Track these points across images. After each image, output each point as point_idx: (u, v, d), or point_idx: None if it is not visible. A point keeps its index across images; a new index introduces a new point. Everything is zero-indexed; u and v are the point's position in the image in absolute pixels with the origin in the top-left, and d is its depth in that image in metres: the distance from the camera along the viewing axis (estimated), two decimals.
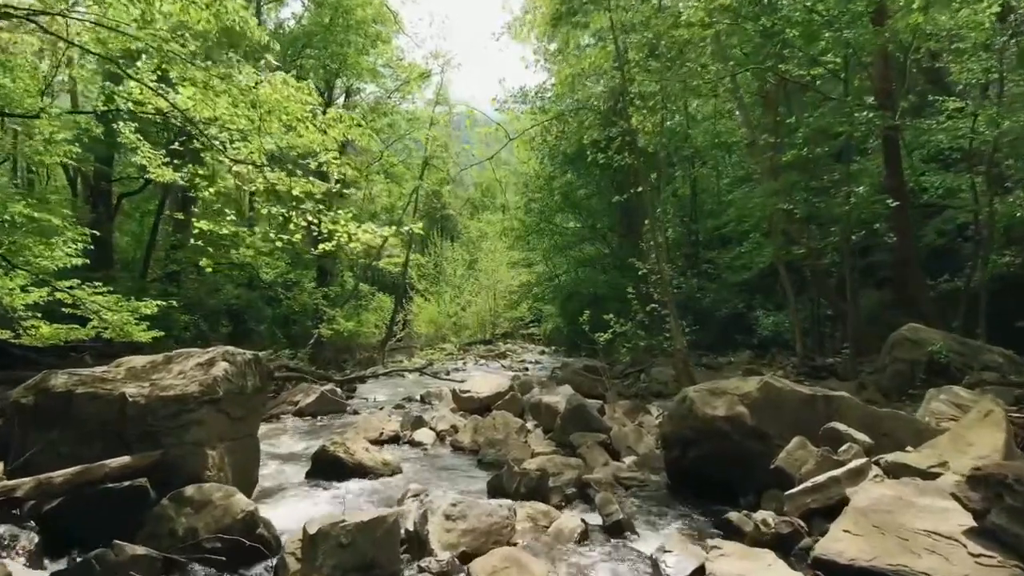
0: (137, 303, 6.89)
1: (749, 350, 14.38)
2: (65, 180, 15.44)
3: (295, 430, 8.62)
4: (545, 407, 7.59)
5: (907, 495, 3.36)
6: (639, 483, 5.02)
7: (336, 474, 6.03)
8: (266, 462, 6.69)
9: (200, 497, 3.98)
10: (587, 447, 6.46)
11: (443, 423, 8.17)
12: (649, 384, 11.19)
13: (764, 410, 4.51)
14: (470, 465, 6.68)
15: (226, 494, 4.05)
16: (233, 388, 5.16)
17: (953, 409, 5.15)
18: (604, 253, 18.73)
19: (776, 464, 4.20)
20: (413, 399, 12.36)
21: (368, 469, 6.10)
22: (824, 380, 9.39)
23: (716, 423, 4.59)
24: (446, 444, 7.60)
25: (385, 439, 7.70)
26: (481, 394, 9.18)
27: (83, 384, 4.68)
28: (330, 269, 21.73)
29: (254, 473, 5.55)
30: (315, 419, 9.48)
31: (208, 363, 5.19)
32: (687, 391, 4.95)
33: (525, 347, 25.55)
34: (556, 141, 15.05)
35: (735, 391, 4.66)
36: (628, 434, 6.70)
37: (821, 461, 4.04)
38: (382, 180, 22.47)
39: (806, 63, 8.75)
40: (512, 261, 26.99)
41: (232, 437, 5.22)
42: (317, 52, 15.50)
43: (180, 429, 4.67)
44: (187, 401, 4.73)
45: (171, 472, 4.59)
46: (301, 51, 15.45)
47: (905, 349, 7.66)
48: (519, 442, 7.03)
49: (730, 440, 4.54)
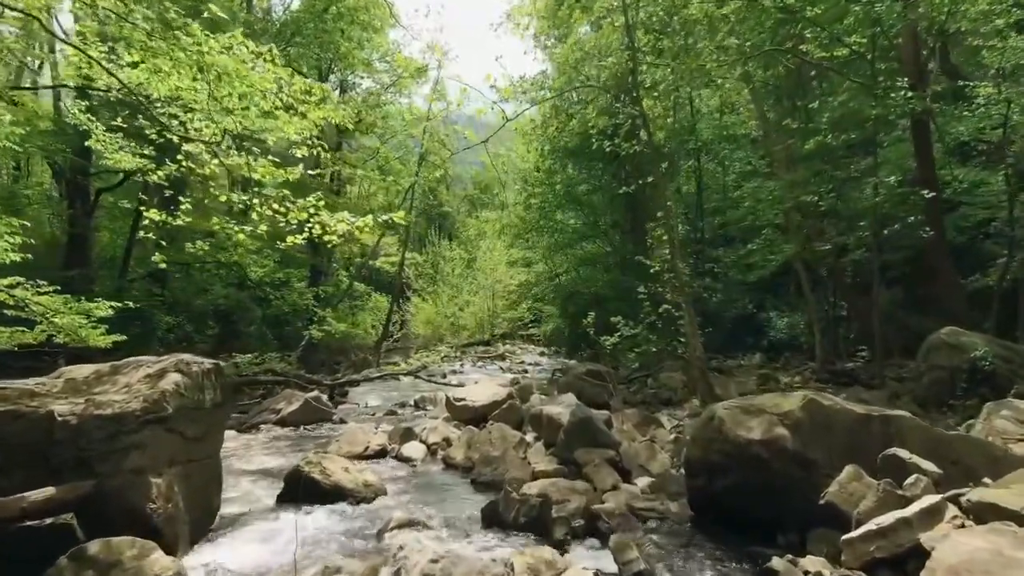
0: (89, 304, 6.17)
1: (760, 353, 13.69)
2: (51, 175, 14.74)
3: (274, 442, 7.91)
4: (547, 419, 6.88)
5: (1006, 548, 2.66)
6: (658, 515, 4.31)
7: (311, 497, 5.32)
8: (236, 480, 6.01)
9: (107, 556, 3.22)
10: (594, 466, 5.76)
11: (435, 435, 7.46)
12: (657, 390, 10.49)
13: (809, 433, 3.80)
14: (463, 485, 5.98)
15: (141, 552, 3.30)
16: (187, 403, 4.46)
17: (1020, 427, 4.44)
18: (606, 251, 18.02)
19: (826, 499, 3.49)
20: (407, 404, 11.73)
21: (347, 492, 5.39)
22: (849, 387, 8.68)
23: (751, 448, 3.88)
24: (437, 460, 6.90)
25: (371, 454, 7.00)
26: (477, 403, 8.47)
27: (4, 401, 3.97)
28: (324, 268, 21.06)
29: (215, 500, 4.85)
30: (298, 429, 8.78)
31: (158, 375, 4.49)
32: (715, 409, 4.23)
33: (524, 348, 24.93)
34: (557, 133, 14.34)
35: (773, 409, 3.95)
36: (639, 451, 6.00)
37: (883, 497, 3.34)
38: (378, 177, 21.74)
39: (829, 44, 8.05)
40: (511, 260, 26.33)
41: (186, 460, 4.52)
42: (307, 41, 14.78)
43: (118, 454, 3.97)
44: (127, 420, 4.02)
45: (106, 506, 3.90)
46: (291, 40, 14.71)
47: (943, 354, 6.95)
48: (517, 459, 6.33)
49: (768, 468, 3.83)
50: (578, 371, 10.62)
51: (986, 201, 10.47)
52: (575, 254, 18.27)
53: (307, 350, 16.07)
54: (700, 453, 4.23)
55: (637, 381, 11.27)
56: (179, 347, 14.95)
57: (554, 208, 17.60)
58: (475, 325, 26.65)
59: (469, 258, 28.80)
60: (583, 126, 11.94)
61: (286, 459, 6.97)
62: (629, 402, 9.68)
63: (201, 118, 4.83)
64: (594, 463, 5.81)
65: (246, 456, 7.05)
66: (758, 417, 3.96)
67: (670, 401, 9.81)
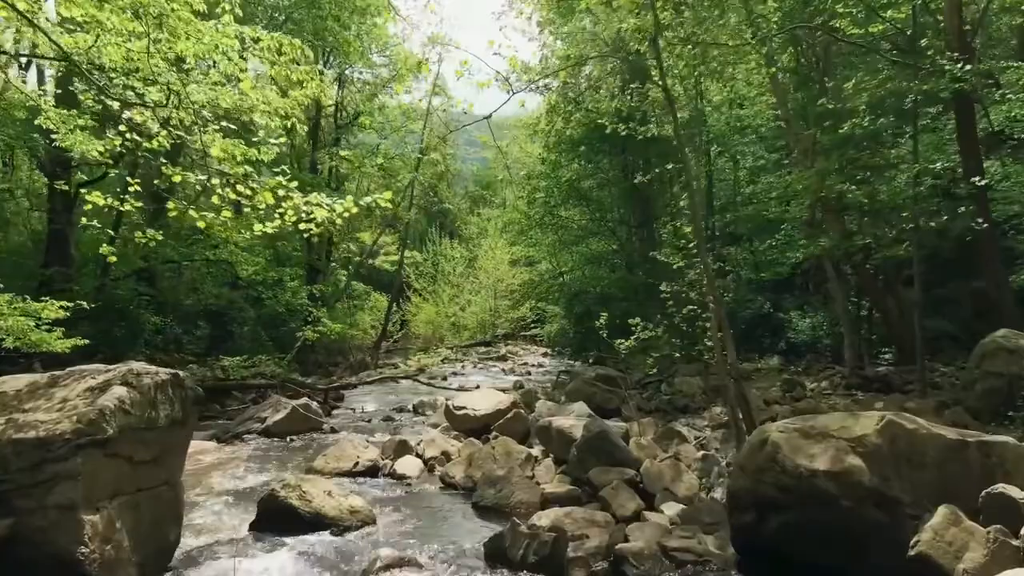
0: (37, 304, 5.48)
1: (777, 355, 12.96)
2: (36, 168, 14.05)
3: (256, 455, 7.21)
4: (557, 432, 6.17)
5: None
6: (695, 557, 3.59)
7: (288, 527, 4.61)
8: (206, 503, 5.31)
9: None
10: (612, 488, 5.06)
11: (432, 449, 6.76)
12: (672, 396, 9.78)
13: (889, 463, 3.08)
14: (463, 510, 5.27)
15: None
16: (134, 422, 3.76)
17: None
18: (613, 249, 17.28)
19: (917, 550, 2.77)
20: (405, 409, 11.08)
21: (329, 521, 4.68)
22: (885, 395, 7.95)
23: (815, 481, 3.16)
24: (435, 477, 6.19)
25: (361, 470, 6.30)
26: (479, 411, 7.76)
27: None
28: (322, 267, 20.40)
29: (171, 533, 4.14)
30: (284, 440, 8.08)
31: (101, 388, 3.79)
32: (768, 431, 3.50)
33: (527, 349, 24.26)
34: (563, 124, 13.62)
35: (842, 433, 3.22)
36: (663, 470, 5.28)
37: (996, 549, 2.62)
38: (377, 174, 21.06)
39: (864, 19, 7.33)
40: (513, 258, 25.64)
41: (134, 489, 3.82)
42: (299, 28, 14.05)
43: (41, 487, 3.28)
44: (54, 445, 3.33)
45: (27, 550, 3.21)
46: (282, 25, 13.99)
47: (1000, 361, 6.22)
48: (524, 478, 5.62)
49: (837, 507, 3.11)
50: (587, 376, 9.91)
51: (1008, 196, 9.75)
52: (580, 252, 17.54)
53: (303, 351, 15.38)
54: (749, 484, 3.51)
55: (650, 386, 10.55)
56: (167, 349, 14.30)
57: (559, 203, 16.87)
58: (476, 325, 25.95)
59: (470, 257, 28.09)
60: (589, 117, 11.24)
61: (267, 475, 6.28)
62: (643, 409, 8.96)
63: (156, 88, 4.09)
64: (612, 485, 5.11)
65: (223, 472, 6.35)
66: (823, 442, 3.24)
67: (687, 408, 9.10)
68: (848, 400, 7.80)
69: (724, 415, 8.12)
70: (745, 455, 3.67)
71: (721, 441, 6.59)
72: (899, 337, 11.32)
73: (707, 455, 5.57)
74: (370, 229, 24.34)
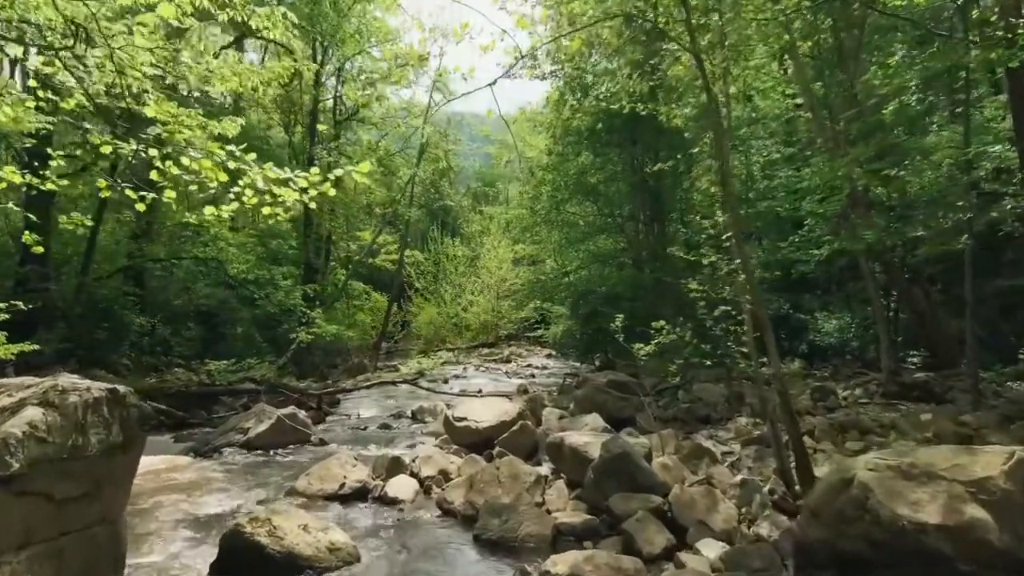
0: None
1: (798, 359, 12.18)
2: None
3: (233, 473, 6.49)
4: (570, 451, 5.44)
5: None
6: None
7: (254, 569, 3.89)
8: (160, 537, 4.55)
9: None
10: (637, 521, 4.32)
11: (429, 467, 6.02)
12: (691, 404, 9.02)
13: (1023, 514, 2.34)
14: (462, 545, 4.53)
15: None
16: (53, 452, 3.03)
17: None
18: (621, 246, 16.48)
19: None
20: (403, 415, 10.40)
21: (304, 561, 3.95)
22: (931, 405, 7.18)
23: (923, 537, 2.41)
24: (431, 501, 5.45)
25: (347, 492, 5.57)
26: (481, 423, 7.03)
27: None
28: (320, 267, 19.73)
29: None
30: (268, 454, 7.37)
31: (12, 410, 3.07)
32: (854, 469, 2.72)
33: (531, 350, 23.59)
34: (571, 113, 12.85)
35: (955, 474, 2.47)
36: (696, 499, 4.54)
37: None
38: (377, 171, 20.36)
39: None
40: (517, 257, 24.91)
41: (56, 533, 3.10)
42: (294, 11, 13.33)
43: None
44: None
45: None
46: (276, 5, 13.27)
47: None
48: (533, 505, 4.89)
49: (952, 571, 2.36)
50: (598, 382, 9.15)
51: None
52: (587, 249, 16.75)
53: (300, 353, 14.67)
54: (827, 535, 2.75)
55: (666, 392, 9.78)
56: (154, 352, 13.62)
57: (565, 199, 16.09)
58: (479, 326, 25.21)
59: (473, 256, 27.34)
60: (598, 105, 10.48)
61: (241, 499, 5.56)
62: (660, 419, 8.19)
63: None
64: (636, 516, 4.37)
65: (191, 495, 5.62)
66: (929, 485, 2.49)
67: (708, 419, 8.34)
68: (891, 411, 7.03)
69: (751, 427, 7.37)
70: (820, 497, 2.91)
71: (754, 459, 5.84)
72: (930, 339, 10.57)
73: (745, 480, 4.81)
74: (370, 227, 23.70)
